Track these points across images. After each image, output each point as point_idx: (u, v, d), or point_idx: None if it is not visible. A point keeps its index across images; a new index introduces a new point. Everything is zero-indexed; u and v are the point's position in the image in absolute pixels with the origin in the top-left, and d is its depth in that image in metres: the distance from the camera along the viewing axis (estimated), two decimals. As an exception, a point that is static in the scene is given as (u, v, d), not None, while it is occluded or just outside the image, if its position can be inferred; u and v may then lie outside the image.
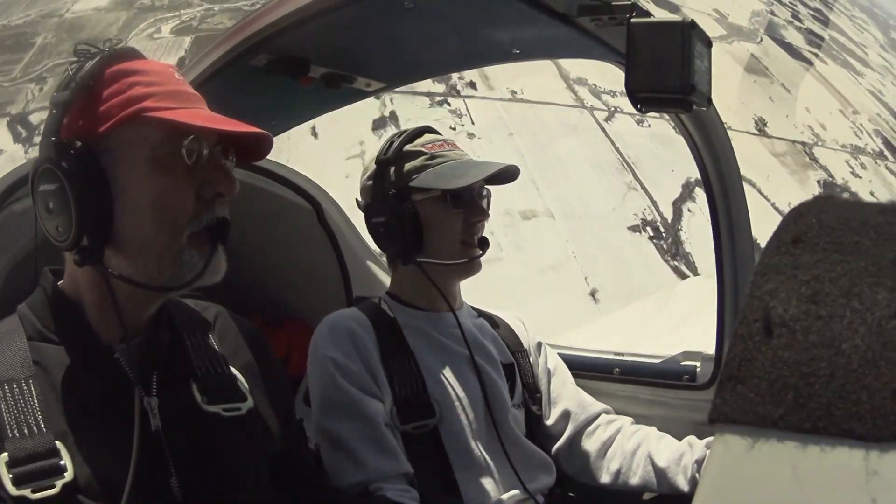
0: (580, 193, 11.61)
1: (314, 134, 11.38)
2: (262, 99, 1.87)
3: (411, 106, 12.57)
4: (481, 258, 1.81)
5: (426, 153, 1.77)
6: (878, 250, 0.52)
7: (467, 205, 1.76)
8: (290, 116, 2.07)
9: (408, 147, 1.77)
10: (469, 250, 1.78)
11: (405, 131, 1.81)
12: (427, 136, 1.81)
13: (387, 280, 1.91)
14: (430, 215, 1.74)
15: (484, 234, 1.82)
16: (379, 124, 12.27)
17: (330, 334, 1.69)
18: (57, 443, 1.05)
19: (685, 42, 1.25)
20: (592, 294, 9.87)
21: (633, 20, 1.28)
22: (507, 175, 1.80)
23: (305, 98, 1.94)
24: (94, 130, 1.10)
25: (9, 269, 1.62)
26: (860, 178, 14.57)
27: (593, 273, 10.02)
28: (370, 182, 1.79)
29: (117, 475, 1.06)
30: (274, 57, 1.65)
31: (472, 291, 1.92)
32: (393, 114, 12.54)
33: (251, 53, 1.59)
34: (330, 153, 11.04)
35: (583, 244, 10.30)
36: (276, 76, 1.70)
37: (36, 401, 1.07)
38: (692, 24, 1.27)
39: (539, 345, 2.02)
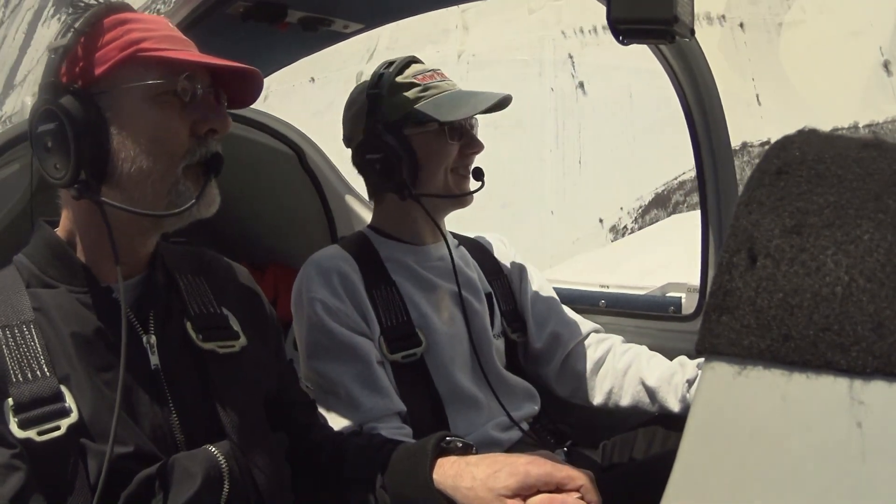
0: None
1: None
2: (239, 46, 1.85)
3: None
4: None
5: (419, 84, 1.74)
6: (861, 184, 0.53)
7: (463, 136, 1.76)
8: (270, 62, 2.04)
9: (399, 79, 1.74)
10: (462, 182, 1.79)
11: (391, 62, 1.77)
12: (416, 67, 1.78)
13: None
14: (426, 148, 1.71)
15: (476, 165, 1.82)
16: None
17: (317, 275, 1.67)
18: (61, 385, 1.08)
19: (666, -27, 1.24)
20: (885, 66, 9.61)
21: (613, -48, 1.26)
22: (497, 105, 1.76)
23: (284, 43, 1.91)
24: (92, 73, 1.13)
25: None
26: None
27: (890, 44, 9.73)
28: (360, 117, 1.74)
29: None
30: (250, 4, 1.63)
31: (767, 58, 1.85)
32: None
33: (227, 2, 1.56)
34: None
35: (882, 13, 9.90)
36: (254, 23, 1.68)
37: (38, 345, 1.09)
38: (673, -45, 1.26)
39: (521, 267, 2.01)
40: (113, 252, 1.13)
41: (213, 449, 1.14)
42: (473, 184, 1.82)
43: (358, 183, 1.96)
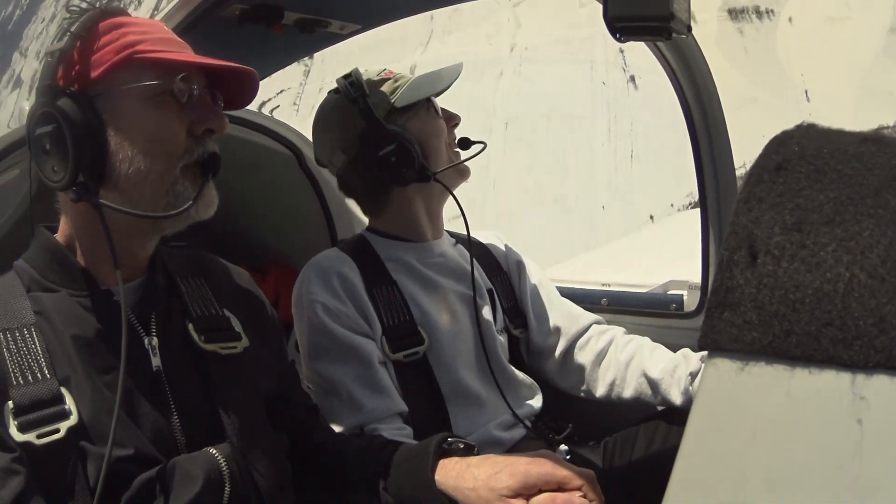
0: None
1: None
2: (236, 49, 1.84)
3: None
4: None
5: (388, 78, 1.77)
6: (861, 179, 0.53)
7: (442, 111, 1.82)
8: (266, 64, 2.04)
9: (371, 79, 1.76)
10: (458, 155, 1.83)
11: (348, 74, 1.75)
12: (371, 69, 1.80)
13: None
14: (424, 130, 1.74)
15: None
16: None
17: (317, 277, 1.67)
18: (61, 388, 1.08)
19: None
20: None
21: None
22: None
23: (280, 45, 1.91)
24: (88, 76, 1.14)
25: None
26: None
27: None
28: (351, 122, 1.72)
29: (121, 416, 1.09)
30: (247, 6, 1.62)
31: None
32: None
33: (223, 4, 1.56)
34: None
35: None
36: (250, 26, 1.68)
37: (38, 348, 1.09)
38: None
39: (519, 263, 2.01)
40: (112, 255, 1.13)
41: (214, 451, 1.14)
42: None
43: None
